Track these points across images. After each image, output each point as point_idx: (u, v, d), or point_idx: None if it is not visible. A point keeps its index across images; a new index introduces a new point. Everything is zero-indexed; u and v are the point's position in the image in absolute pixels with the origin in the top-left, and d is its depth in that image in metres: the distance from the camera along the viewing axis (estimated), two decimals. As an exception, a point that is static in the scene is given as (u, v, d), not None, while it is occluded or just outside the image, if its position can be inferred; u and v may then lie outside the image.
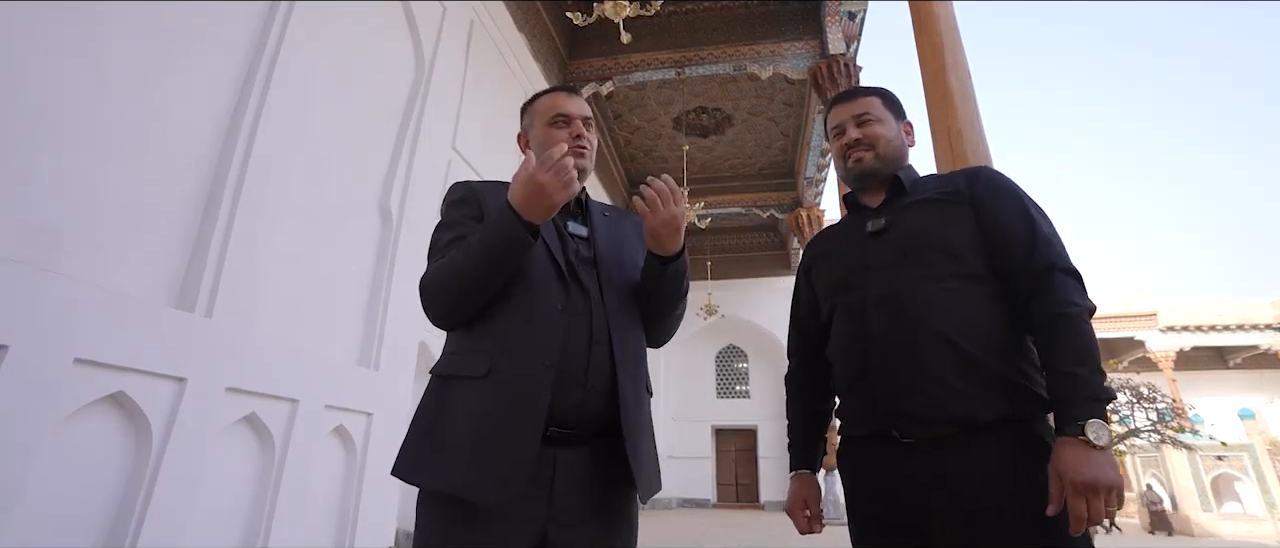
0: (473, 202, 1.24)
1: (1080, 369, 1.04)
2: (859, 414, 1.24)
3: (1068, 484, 0.96)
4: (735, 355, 17.09)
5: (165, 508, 2.67)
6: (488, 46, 6.52)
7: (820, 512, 1.39)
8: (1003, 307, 1.17)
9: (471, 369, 1.09)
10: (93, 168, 2.57)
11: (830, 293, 1.37)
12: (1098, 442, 0.97)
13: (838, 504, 10.38)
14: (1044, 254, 1.15)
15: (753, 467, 15.99)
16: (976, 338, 1.13)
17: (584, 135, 1.30)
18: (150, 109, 2.84)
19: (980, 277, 1.18)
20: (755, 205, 12.87)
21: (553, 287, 1.14)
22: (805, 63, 8.43)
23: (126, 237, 2.71)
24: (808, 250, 1.52)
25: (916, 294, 1.19)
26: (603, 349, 1.14)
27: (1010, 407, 1.10)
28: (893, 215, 1.31)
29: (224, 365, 3.02)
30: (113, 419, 2.60)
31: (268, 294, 3.41)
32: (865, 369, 1.22)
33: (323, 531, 3.73)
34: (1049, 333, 1.10)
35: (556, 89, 1.37)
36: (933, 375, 1.12)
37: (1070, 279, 1.13)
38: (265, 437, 3.35)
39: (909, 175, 1.37)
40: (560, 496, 1.06)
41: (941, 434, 1.10)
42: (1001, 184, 1.26)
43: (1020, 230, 1.19)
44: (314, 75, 3.83)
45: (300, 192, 3.72)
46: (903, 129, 1.40)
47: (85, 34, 2.56)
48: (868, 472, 1.22)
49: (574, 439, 1.09)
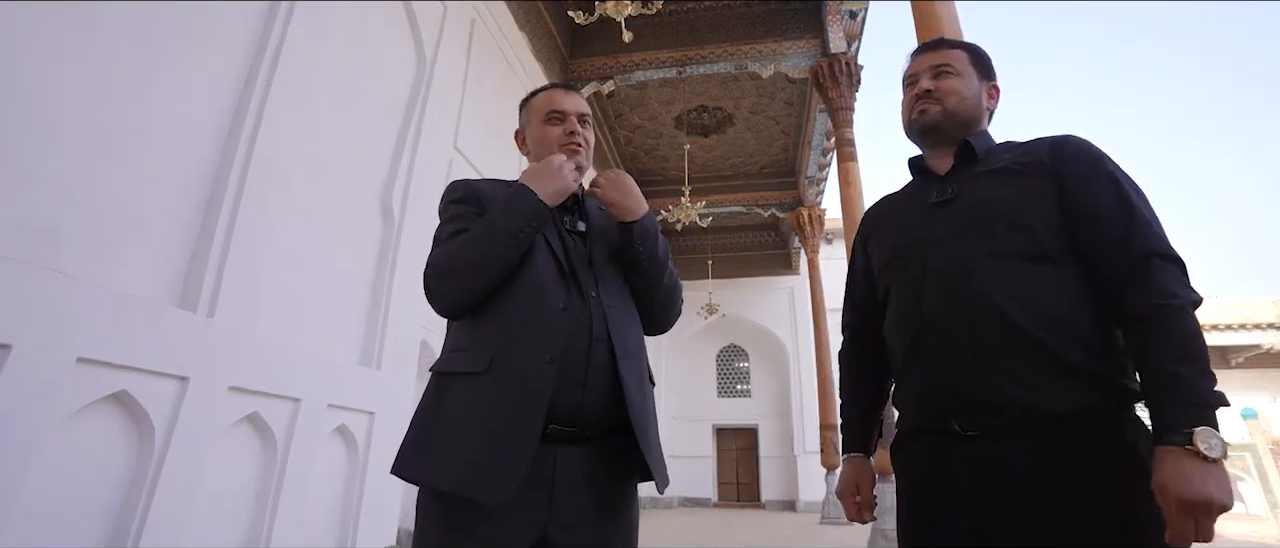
0: (473, 199, 1.24)
1: (1185, 369, 0.90)
2: (914, 403, 1.14)
3: (1175, 502, 0.84)
4: (736, 354, 17.07)
5: (168, 507, 2.68)
6: (489, 45, 6.52)
7: (872, 499, 1.28)
8: (1083, 290, 1.04)
9: (471, 366, 1.09)
10: (94, 168, 2.57)
11: (887, 267, 1.25)
12: (1210, 454, 0.84)
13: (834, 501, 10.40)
14: (1142, 238, 1.01)
15: (754, 466, 15.97)
16: (1048, 321, 1.01)
17: (578, 132, 1.31)
18: (151, 109, 2.84)
19: (1056, 256, 1.05)
20: (756, 204, 12.85)
21: (554, 286, 1.14)
22: (806, 61, 8.42)
23: (128, 236, 2.72)
24: (866, 219, 1.39)
25: (980, 271, 1.07)
26: (602, 347, 1.14)
27: (1089, 399, 0.97)
28: (961, 184, 1.17)
29: (226, 365, 3.03)
30: (115, 418, 2.60)
31: (269, 294, 3.41)
32: (920, 353, 1.11)
33: (324, 529, 3.73)
34: (1146, 327, 0.96)
35: (553, 86, 1.38)
36: (994, 361, 1.01)
37: (1172, 268, 0.99)
38: (267, 436, 3.35)
39: (983, 142, 1.22)
40: (561, 495, 1.05)
41: (1007, 426, 1.00)
42: (1092, 156, 1.10)
43: (1113, 210, 1.04)
44: (315, 75, 3.83)
45: (302, 191, 3.72)
46: (986, 91, 1.26)
47: (86, 34, 2.57)
48: (923, 465, 1.12)
49: (576, 438, 1.09)
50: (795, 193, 12.59)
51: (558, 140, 1.30)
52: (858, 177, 7.71)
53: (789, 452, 15.23)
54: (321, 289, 3.88)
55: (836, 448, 10.65)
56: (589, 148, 1.34)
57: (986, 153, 1.20)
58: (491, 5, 6.54)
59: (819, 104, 9.40)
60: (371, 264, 4.42)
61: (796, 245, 14.36)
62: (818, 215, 12.42)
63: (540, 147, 1.32)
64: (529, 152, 1.36)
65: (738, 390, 16.82)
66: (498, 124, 6.60)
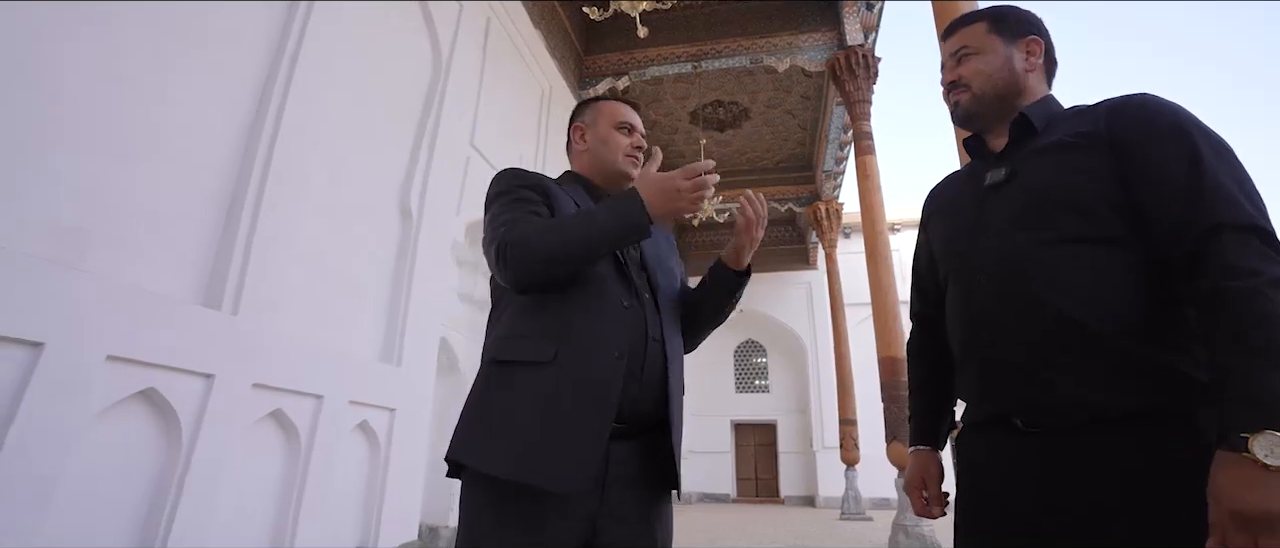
0: (541, 188, 1.24)
1: (1246, 362, 0.78)
2: (973, 398, 1.09)
3: (1227, 513, 0.74)
4: (754, 350, 17.02)
5: (195, 503, 2.73)
6: (504, 43, 6.55)
7: (941, 494, 1.21)
8: (1152, 275, 0.92)
9: (537, 355, 1.09)
10: (119, 169, 2.63)
11: (943, 257, 1.19)
12: (1271, 461, 0.72)
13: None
14: (1209, 208, 0.86)
15: (773, 461, 15.93)
16: (1108, 313, 0.91)
17: (642, 147, 1.37)
18: (174, 110, 2.89)
19: (1120, 238, 0.94)
20: (773, 199, 12.76)
21: (615, 283, 1.17)
22: (823, 54, 8.34)
23: (154, 236, 2.77)
24: (926, 202, 1.33)
25: (1031, 261, 0.98)
26: (657, 347, 1.16)
27: (1157, 396, 0.88)
28: (1016, 164, 1.07)
29: (250, 362, 3.08)
30: (144, 415, 2.66)
31: (291, 292, 3.46)
32: (975, 349, 1.05)
33: (348, 525, 3.79)
34: (1205, 314, 0.84)
35: (624, 100, 1.43)
36: (1051, 359, 0.94)
37: (1246, 239, 0.83)
38: (291, 432, 3.41)
39: (1041, 112, 1.09)
40: (612, 488, 1.07)
41: (1070, 425, 0.92)
42: (1153, 115, 0.96)
43: (1175, 177, 0.90)
44: (333, 75, 3.87)
45: (321, 190, 3.77)
46: (1022, 51, 1.14)
47: (110, 38, 2.62)
48: (982, 458, 1.06)
49: (625, 433, 1.10)
50: (813, 187, 12.49)
51: (625, 149, 1.35)
52: (876, 170, 7.62)
53: (808, 447, 15.16)
54: (342, 287, 3.92)
55: (856, 443, 10.57)
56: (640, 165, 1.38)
57: (1048, 123, 1.08)
58: (507, 4, 6.56)
59: (836, 97, 9.30)
60: (391, 262, 4.46)
61: (814, 240, 14.25)
62: (835, 210, 12.31)
63: (605, 147, 1.35)
64: (586, 148, 1.38)
65: (756, 386, 16.77)
66: (514, 122, 6.63)
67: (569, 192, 1.29)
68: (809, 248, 15.24)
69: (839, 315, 11.67)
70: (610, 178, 1.36)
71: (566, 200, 1.25)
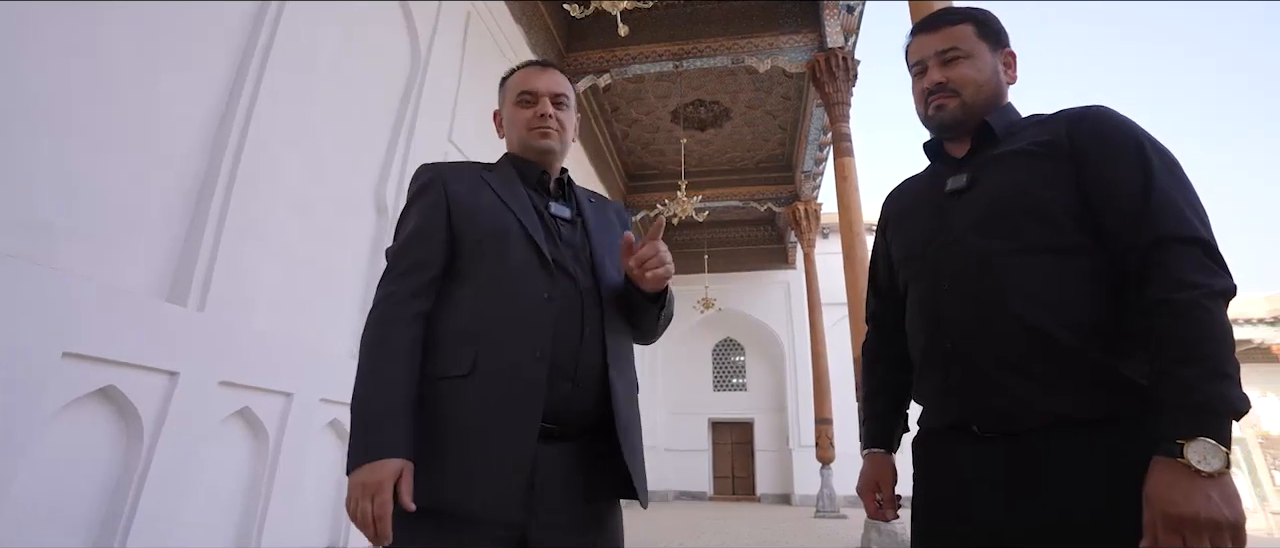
0: (437, 186, 1.15)
1: (1184, 371, 0.81)
2: (933, 404, 1.08)
3: (1159, 516, 0.77)
4: (732, 348, 17.09)
5: (157, 503, 2.65)
6: (484, 39, 6.47)
7: (894, 497, 1.21)
8: (1109, 284, 0.94)
9: (453, 368, 1.02)
10: (81, 160, 2.53)
11: (903, 261, 1.18)
12: (1203, 468, 0.75)
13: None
14: (1156, 220, 0.89)
15: (749, 460, 16.02)
16: (1069, 321, 0.93)
17: (551, 114, 1.21)
18: (141, 101, 2.80)
19: (1081, 247, 0.96)
20: (753, 199, 12.84)
21: (536, 274, 1.07)
22: (803, 56, 8.39)
23: (117, 229, 2.68)
24: (886, 203, 1.30)
25: (996, 269, 0.99)
26: (594, 342, 1.08)
27: (1113, 403, 0.90)
28: (977, 170, 1.08)
29: (217, 359, 3.00)
30: (103, 414, 2.57)
31: (262, 287, 3.38)
32: (937, 355, 1.05)
33: (317, 525, 3.72)
34: (1151, 324, 0.86)
35: (529, 63, 1.28)
36: (1013, 366, 0.95)
37: (1191, 251, 0.86)
38: (259, 431, 3.33)
39: (1003, 119, 1.10)
40: (542, 495, 0.99)
41: (1027, 430, 0.94)
42: (1111, 128, 0.98)
43: (1128, 190, 0.93)
44: (308, 67, 3.79)
45: (295, 184, 3.68)
46: (1001, 61, 1.13)
47: (75, 26, 2.52)
48: (941, 464, 1.06)
49: (558, 435, 1.03)
50: (792, 187, 12.59)
51: (527, 122, 1.21)
52: (854, 172, 7.70)
53: (784, 446, 15.28)
54: (315, 282, 3.85)
55: (831, 442, 10.68)
56: (567, 131, 1.24)
57: (1007, 131, 1.09)
58: (488, 1, 6.49)
59: (816, 99, 9.37)
60: (366, 258, 4.39)
61: (793, 240, 14.37)
62: (814, 210, 12.42)
63: (511, 128, 1.25)
64: (504, 133, 1.29)
65: (734, 384, 16.86)
66: (493, 117, 6.55)
67: (495, 177, 1.18)
68: (788, 248, 15.37)
69: (816, 315, 11.77)
70: (531, 157, 1.23)
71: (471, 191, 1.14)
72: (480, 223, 1.11)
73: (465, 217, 1.12)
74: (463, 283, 1.09)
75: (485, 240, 1.09)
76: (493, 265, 1.08)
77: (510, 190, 1.16)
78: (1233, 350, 0.82)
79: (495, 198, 1.14)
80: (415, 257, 1.10)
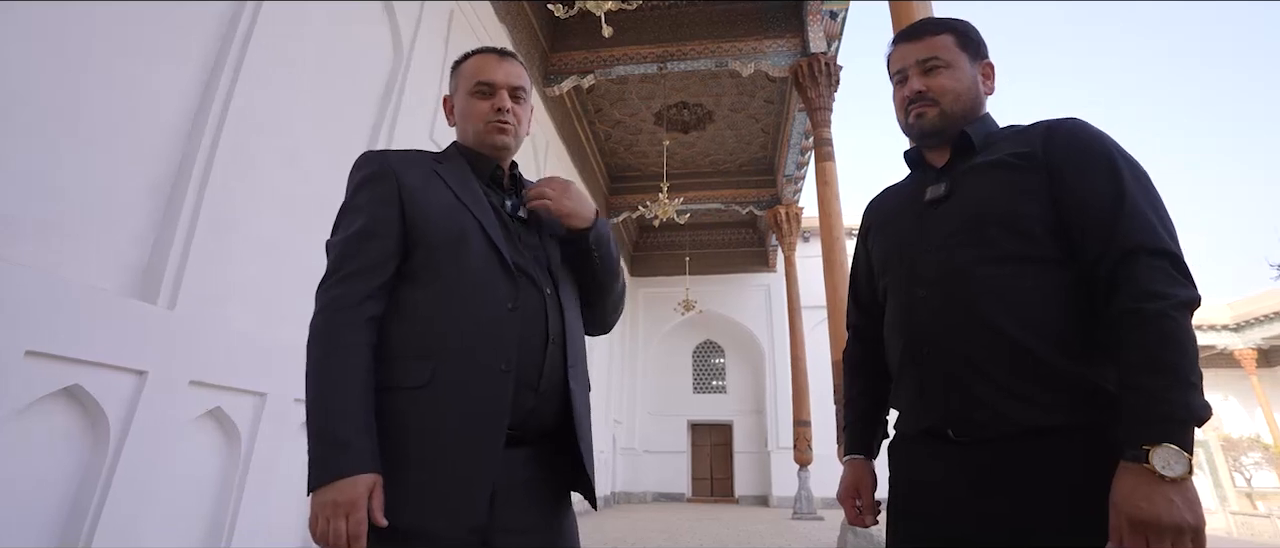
0: (387, 179, 1.07)
1: (1150, 380, 0.84)
2: (910, 409, 1.10)
3: (1125, 520, 0.81)
4: (712, 351, 17.16)
5: (123, 505, 2.58)
6: (468, 37, 6.41)
7: (873, 502, 1.22)
8: (1081, 295, 0.97)
9: (409, 379, 0.97)
10: (45, 152, 2.46)
11: (883, 269, 1.20)
12: (1167, 473, 0.79)
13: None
14: (1127, 232, 0.92)
15: (728, 461, 16.09)
16: (1042, 331, 0.95)
17: (508, 108, 1.15)
18: (110, 91, 2.72)
19: (1055, 259, 0.98)
20: (735, 201, 12.91)
21: (498, 280, 1.02)
22: (786, 60, 8.46)
23: (83, 224, 2.60)
24: (867, 212, 1.32)
25: (971, 278, 1.01)
26: (557, 350, 1.06)
27: (1082, 411, 0.93)
28: (955, 180, 1.10)
29: (188, 358, 2.93)
30: (68, 414, 2.50)
31: (236, 285, 3.31)
32: (914, 361, 1.07)
33: (290, 527, 3.65)
34: (1119, 335, 0.89)
35: (486, 50, 1.20)
36: (985, 375, 0.97)
37: (1159, 263, 0.89)
38: (231, 431, 3.26)
39: (982, 130, 1.12)
40: (504, 502, 0.97)
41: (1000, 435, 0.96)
42: (1084, 142, 1.01)
43: (1101, 203, 0.95)
44: (288, 61, 3.72)
45: (273, 179, 3.61)
46: (980, 72, 1.15)
47: (40, 14, 2.45)
48: (917, 468, 1.08)
49: (518, 440, 1.01)
50: (773, 191, 12.67)
51: (484, 116, 1.14)
52: (835, 176, 7.78)
53: (763, 448, 15.37)
54: (293, 279, 3.77)
55: (809, 444, 10.77)
56: (523, 125, 1.19)
57: (986, 141, 1.11)
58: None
59: (798, 103, 9.45)
60: (343, 256, 4.31)
61: (774, 243, 14.47)
62: (795, 214, 12.51)
63: (465, 120, 1.17)
64: (455, 123, 1.21)
65: (713, 387, 16.92)
66: (475, 115, 6.49)
67: (447, 171, 1.12)
68: (769, 251, 15.47)
69: (796, 318, 11.86)
70: (484, 152, 1.17)
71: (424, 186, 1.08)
72: (436, 222, 1.05)
73: (420, 214, 1.05)
74: (417, 286, 1.03)
75: (442, 242, 1.04)
76: (450, 269, 1.02)
77: (466, 187, 1.11)
78: (1197, 360, 0.85)
79: (451, 195, 1.08)
80: (366, 258, 1.03)
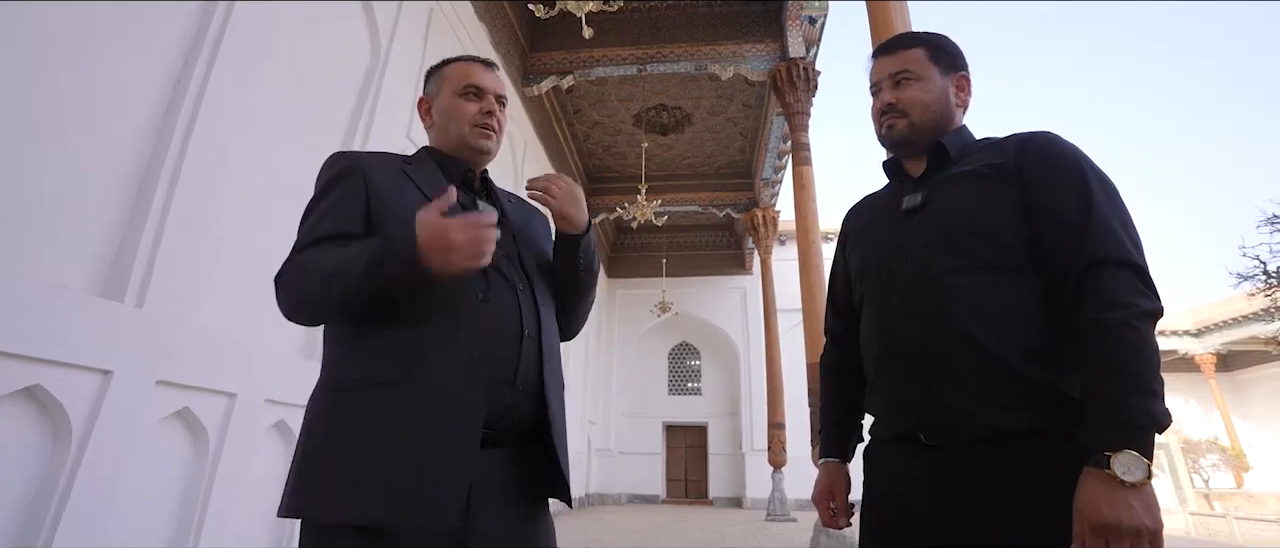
0: (355, 176, 1.08)
1: (1113, 387, 0.87)
2: (884, 413, 1.13)
3: (1087, 525, 0.84)
4: (688, 353, 17.22)
5: (84, 508, 2.51)
6: (447, 36, 6.37)
7: (847, 505, 1.24)
8: (1051, 304, 1.00)
9: (378, 374, 0.95)
10: (5, 145, 2.39)
11: (859, 276, 1.23)
12: (1127, 478, 0.82)
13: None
14: (1094, 244, 0.95)
15: (703, 463, 16.15)
16: (1012, 339, 0.98)
17: (496, 113, 1.19)
18: (77, 85, 2.66)
19: (1025, 268, 1.01)
20: (712, 204, 12.99)
21: (469, 276, 1.00)
22: (765, 65, 8.54)
23: (45, 219, 2.53)
24: (846, 220, 1.35)
25: (945, 286, 1.04)
26: (532, 344, 1.05)
27: (1049, 417, 0.95)
28: (931, 191, 1.13)
29: (155, 357, 2.86)
30: (27, 415, 2.43)
31: (207, 282, 3.25)
32: (888, 367, 1.10)
33: (259, 530, 3.58)
34: (1083, 344, 0.92)
35: (471, 58, 1.23)
36: (957, 381, 0.99)
37: (1124, 275, 0.92)
38: (199, 432, 3.19)
39: (957, 141, 1.16)
40: (478, 503, 0.95)
41: (971, 440, 0.99)
42: (1055, 155, 1.04)
43: (1069, 215, 0.98)
44: (263, 57, 3.65)
45: (246, 176, 3.55)
46: (953, 84, 1.18)
47: (6, 5, 2.38)
48: (889, 471, 1.11)
49: (494, 441, 0.99)
50: (751, 194, 12.78)
51: (472, 118, 1.17)
52: (812, 180, 7.88)
53: (737, 450, 15.47)
54: (265, 278, 3.70)
55: (783, 446, 10.87)
56: (501, 133, 1.22)
57: (961, 153, 1.15)
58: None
59: (776, 107, 9.54)
60: (316, 255, 4.25)
61: (750, 246, 14.57)
62: (772, 217, 12.63)
63: (450, 120, 1.18)
64: (433, 124, 1.21)
65: (689, 389, 16.98)
66: (453, 114, 6.43)
67: (415, 171, 1.13)
68: (745, 253, 15.58)
69: (772, 321, 11.97)
70: (463, 155, 1.19)
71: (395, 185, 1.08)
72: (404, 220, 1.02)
73: (387, 213, 1.05)
74: None
75: None
76: None
77: (434, 187, 1.10)
78: (1159, 368, 0.89)
79: (421, 195, 1.08)
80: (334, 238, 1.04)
